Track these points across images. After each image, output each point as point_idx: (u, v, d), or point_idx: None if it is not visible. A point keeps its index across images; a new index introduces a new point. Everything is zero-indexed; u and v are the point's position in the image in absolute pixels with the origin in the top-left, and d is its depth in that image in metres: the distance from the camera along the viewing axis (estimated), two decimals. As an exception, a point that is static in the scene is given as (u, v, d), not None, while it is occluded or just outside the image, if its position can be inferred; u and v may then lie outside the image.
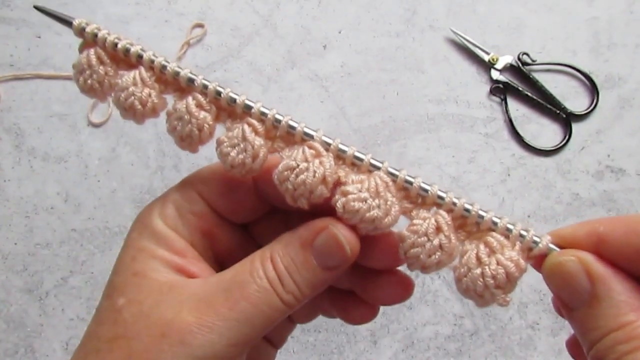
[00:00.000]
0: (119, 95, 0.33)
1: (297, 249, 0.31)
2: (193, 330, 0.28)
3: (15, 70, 0.72)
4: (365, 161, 0.30)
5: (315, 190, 0.30)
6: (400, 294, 0.37)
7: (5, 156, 0.69)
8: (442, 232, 0.29)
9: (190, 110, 0.32)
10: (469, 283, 0.28)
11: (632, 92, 0.72)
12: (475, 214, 0.29)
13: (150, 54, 0.33)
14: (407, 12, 0.75)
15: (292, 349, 0.64)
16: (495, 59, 0.72)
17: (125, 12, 0.75)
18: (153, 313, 0.29)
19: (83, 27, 0.34)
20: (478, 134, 0.71)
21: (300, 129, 0.31)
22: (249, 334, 0.29)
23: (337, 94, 0.72)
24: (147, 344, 0.28)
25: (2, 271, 0.66)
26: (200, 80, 0.32)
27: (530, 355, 0.64)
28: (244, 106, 0.31)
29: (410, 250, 0.29)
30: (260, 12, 0.76)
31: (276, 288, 0.30)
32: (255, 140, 0.31)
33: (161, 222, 0.33)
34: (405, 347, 0.64)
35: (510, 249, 0.28)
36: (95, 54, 0.33)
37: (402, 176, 0.30)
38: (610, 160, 0.70)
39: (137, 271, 0.31)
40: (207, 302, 0.29)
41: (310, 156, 0.30)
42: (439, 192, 0.30)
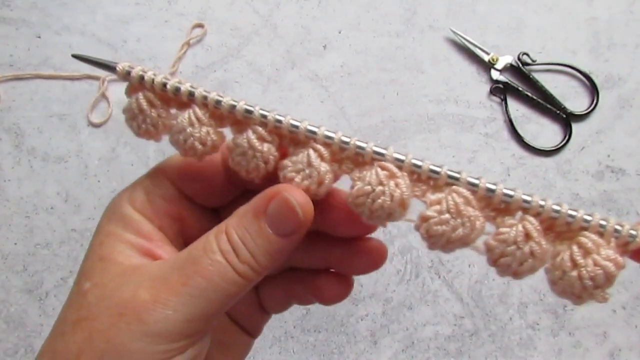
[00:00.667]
0: (176, 138, 0.32)
1: (250, 218, 0.31)
2: (148, 308, 0.28)
3: (15, 70, 0.72)
4: (442, 174, 0.29)
5: (394, 213, 0.29)
6: (374, 260, 0.36)
7: (5, 156, 0.69)
8: (532, 238, 0.28)
9: (252, 145, 0.31)
10: (565, 286, 0.27)
11: (632, 92, 0.72)
12: (565, 214, 0.28)
13: (201, 90, 0.32)
14: (407, 12, 0.75)
15: (292, 349, 0.64)
16: (495, 59, 0.72)
17: (125, 12, 0.75)
18: (114, 294, 0.29)
19: (128, 71, 0.32)
20: (478, 134, 0.71)
21: (370, 150, 0.30)
22: (206, 309, 0.29)
23: (337, 94, 0.72)
24: (107, 323, 0.28)
25: (2, 271, 0.66)
26: (257, 111, 0.31)
27: (530, 356, 0.64)
28: (307, 131, 0.31)
29: (500, 260, 0.28)
30: (260, 12, 0.76)
31: (230, 260, 0.30)
32: (321, 166, 0.30)
33: (129, 207, 0.33)
34: (405, 347, 0.64)
35: (606, 247, 0.27)
36: (145, 98, 0.32)
37: (482, 185, 0.29)
38: (610, 160, 0.70)
39: (103, 256, 0.31)
40: (162, 279, 0.29)
41: (384, 178, 0.29)
42: (524, 197, 0.28)
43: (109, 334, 0.28)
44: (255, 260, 0.30)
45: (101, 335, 0.28)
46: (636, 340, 0.64)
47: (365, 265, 0.37)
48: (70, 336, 0.29)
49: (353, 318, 0.65)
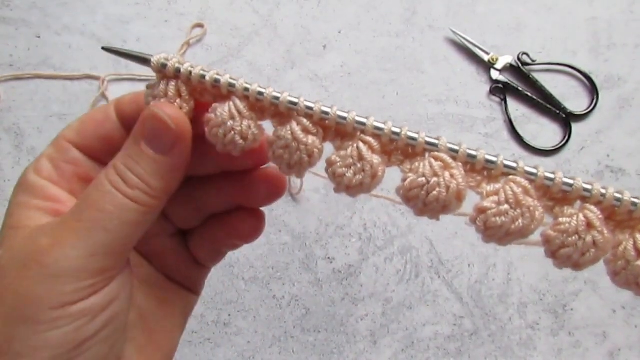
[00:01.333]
0: (215, 132, 0.31)
1: (131, 144, 0.31)
2: (46, 251, 0.28)
3: (15, 70, 0.72)
4: (498, 164, 0.28)
5: (450, 205, 0.28)
6: (275, 188, 0.37)
7: (5, 156, 0.69)
8: (595, 228, 0.27)
9: (297, 137, 0.30)
10: (629, 276, 0.27)
11: (632, 92, 0.72)
12: (628, 202, 0.27)
13: (242, 81, 0.31)
14: (407, 12, 0.75)
15: (292, 349, 0.64)
16: (495, 59, 0.72)
17: (125, 12, 0.75)
18: (20, 253, 0.30)
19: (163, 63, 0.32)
20: (478, 134, 0.71)
21: (422, 140, 0.29)
22: (106, 240, 0.29)
23: (337, 94, 0.72)
24: (13, 277, 0.29)
25: (1, 271, 0.66)
26: (302, 102, 0.30)
27: (530, 355, 0.64)
28: (356, 122, 0.29)
29: (561, 251, 0.27)
30: (260, 12, 0.76)
31: (120, 187, 0.30)
32: (373, 159, 0.29)
33: (35, 176, 0.34)
34: (405, 347, 0.64)
35: None
36: (175, 88, 0.32)
37: (541, 174, 0.28)
38: (610, 160, 0.70)
39: (12, 224, 0.32)
40: (59, 223, 0.30)
41: (439, 169, 0.28)
42: (585, 185, 0.28)
43: (15, 286, 0.28)
44: (145, 183, 0.30)
45: (9, 290, 0.28)
46: (636, 340, 0.64)
47: (267, 191, 0.37)
48: None
49: (353, 318, 0.65)
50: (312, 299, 0.65)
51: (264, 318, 0.65)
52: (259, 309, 0.65)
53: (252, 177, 0.37)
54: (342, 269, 0.66)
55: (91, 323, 0.29)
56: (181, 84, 0.32)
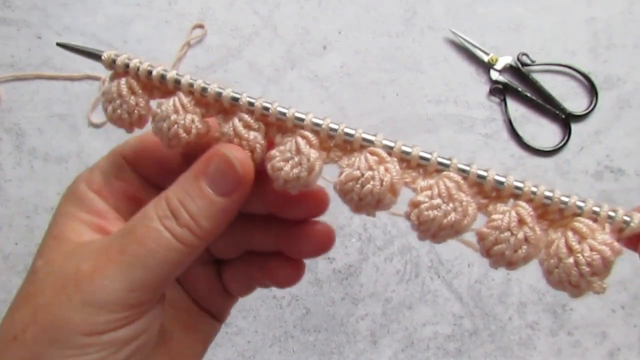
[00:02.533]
0: (160, 125, 0.32)
1: (190, 180, 0.30)
2: (87, 278, 0.28)
3: (16, 70, 0.72)
4: (432, 160, 0.29)
5: (384, 199, 0.28)
6: (322, 243, 0.36)
7: (6, 157, 0.70)
8: (526, 224, 0.27)
9: (239, 132, 0.30)
10: (561, 274, 0.27)
11: (631, 93, 0.72)
12: (558, 200, 0.27)
13: (188, 77, 0.31)
14: (406, 13, 0.76)
15: (292, 349, 0.64)
16: (495, 59, 0.72)
17: (126, 13, 0.75)
18: (59, 269, 0.30)
19: (113, 59, 0.32)
20: (477, 135, 0.71)
21: (359, 135, 0.29)
22: (146, 278, 0.28)
23: (336, 94, 0.72)
24: (50, 297, 0.29)
25: (2, 271, 0.66)
26: (245, 98, 0.30)
27: (530, 355, 0.64)
28: (295, 118, 0.30)
29: (494, 248, 0.27)
30: (260, 12, 0.76)
31: (167, 225, 0.29)
32: (310, 153, 0.29)
33: (85, 186, 0.33)
34: (404, 347, 0.65)
35: (601, 232, 0.27)
36: (126, 84, 0.32)
37: (474, 171, 0.28)
38: (609, 160, 0.70)
39: (56, 234, 0.32)
40: (103, 251, 0.29)
41: (374, 163, 0.28)
42: (516, 183, 0.28)
43: (51, 307, 0.28)
44: (195, 222, 0.29)
45: (44, 310, 0.28)
46: (635, 340, 0.64)
47: (313, 248, 0.37)
48: (16, 312, 0.30)
49: (353, 318, 0.65)
50: (312, 298, 0.66)
51: (264, 318, 0.65)
52: (259, 308, 0.65)
53: (301, 229, 0.36)
54: (342, 268, 0.66)
55: (118, 352, 0.29)
56: (132, 80, 0.32)
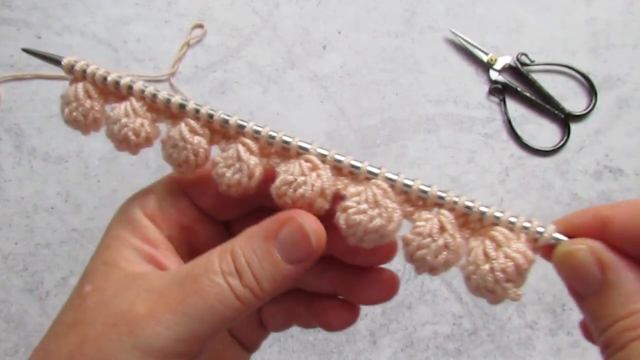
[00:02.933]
0: (112, 128, 0.33)
1: (260, 241, 0.30)
2: (142, 322, 0.28)
3: (16, 70, 0.72)
4: (362, 169, 0.30)
5: (315, 203, 0.30)
6: (387, 292, 0.36)
7: (6, 156, 0.70)
8: (446, 231, 0.29)
9: (184, 136, 0.32)
10: (478, 280, 0.28)
11: (631, 93, 0.72)
12: (477, 210, 0.29)
13: (140, 84, 0.33)
14: (406, 13, 0.76)
15: (291, 349, 0.64)
16: (494, 59, 0.72)
17: (125, 13, 0.75)
18: (111, 302, 0.29)
19: (72, 64, 0.34)
20: (477, 134, 0.71)
21: (295, 143, 0.31)
22: (199, 331, 0.28)
23: (336, 94, 0.72)
24: (100, 331, 0.28)
25: (2, 271, 0.66)
26: (191, 105, 0.32)
27: (529, 355, 0.64)
28: (237, 126, 0.32)
29: (417, 253, 0.29)
30: (260, 12, 0.76)
31: (231, 283, 0.29)
32: (250, 160, 0.31)
33: (139, 211, 0.33)
34: (404, 347, 0.65)
35: (516, 241, 0.28)
36: (83, 88, 0.34)
37: (400, 180, 0.30)
38: (609, 160, 0.70)
39: (107, 259, 0.31)
40: (160, 294, 0.29)
41: (307, 169, 0.30)
42: (439, 193, 0.29)
43: (100, 342, 0.28)
44: (259, 285, 0.29)
45: (93, 343, 0.28)
46: (634, 340, 0.64)
47: (376, 296, 0.36)
48: (63, 338, 0.29)
49: (352, 317, 0.65)
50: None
51: (264, 318, 0.65)
52: (259, 308, 0.65)
53: (365, 275, 0.36)
54: (342, 268, 0.66)
55: None
56: (88, 84, 0.34)
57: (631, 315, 0.25)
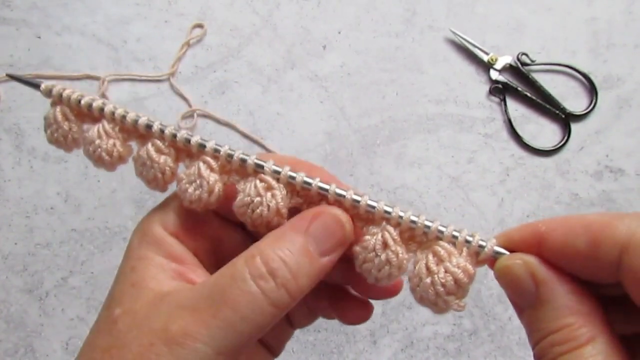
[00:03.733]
0: (87, 148, 0.35)
1: (292, 237, 0.30)
2: (178, 340, 0.28)
3: (15, 70, 0.72)
4: (313, 186, 0.31)
5: (272, 222, 0.32)
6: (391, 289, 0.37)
7: (6, 156, 0.70)
8: (389, 247, 0.30)
9: (150, 155, 0.34)
10: (422, 292, 0.29)
11: (631, 93, 0.72)
12: (422, 225, 0.30)
13: (111, 106, 0.34)
14: (406, 13, 0.76)
15: (291, 349, 0.64)
16: (495, 59, 0.72)
17: (125, 13, 0.75)
18: (144, 323, 0.29)
19: (50, 89, 0.36)
20: (477, 134, 0.71)
21: (252, 162, 0.32)
22: (236, 341, 0.28)
23: (336, 94, 0.72)
24: (137, 353, 0.28)
25: (2, 271, 0.66)
26: (157, 125, 0.33)
27: (529, 355, 0.64)
28: (198, 145, 0.33)
29: (362, 266, 0.31)
30: (260, 12, 0.76)
31: (263, 287, 0.28)
32: (210, 177, 0.32)
33: (161, 229, 0.33)
34: (404, 347, 0.64)
35: (457, 255, 0.29)
36: (60, 111, 0.36)
37: (348, 197, 0.31)
38: (609, 160, 0.70)
39: (135, 281, 0.31)
40: (192, 309, 0.29)
41: (262, 189, 0.31)
42: (385, 208, 0.30)
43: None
44: (296, 281, 0.29)
45: None
46: (635, 340, 0.64)
47: (381, 292, 0.37)
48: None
49: (353, 318, 0.65)
50: (312, 298, 0.66)
51: (264, 318, 0.65)
52: (259, 308, 0.65)
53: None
54: (342, 268, 0.66)
55: None
56: (65, 108, 0.36)
57: (561, 329, 0.25)
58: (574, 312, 0.26)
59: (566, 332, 0.25)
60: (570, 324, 0.25)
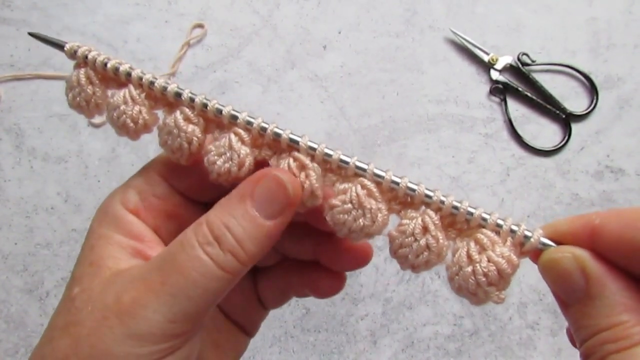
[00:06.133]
0: (111, 114, 0.34)
1: (235, 203, 0.29)
2: (129, 310, 0.28)
3: (16, 70, 0.72)
4: (350, 165, 0.30)
5: (307, 202, 0.31)
6: (359, 258, 0.37)
7: (6, 156, 0.70)
8: (429, 232, 0.28)
9: (178, 124, 0.32)
10: (461, 282, 0.28)
11: (631, 93, 0.72)
12: (464, 211, 0.29)
13: (138, 71, 0.33)
14: (406, 13, 0.75)
15: (292, 349, 0.64)
16: (495, 59, 0.72)
17: (125, 13, 0.75)
18: (99, 299, 0.29)
19: (75, 50, 0.35)
20: (478, 134, 0.71)
21: (286, 136, 0.31)
22: (188, 308, 0.28)
23: (337, 94, 0.72)
24: (91, 328, 0.28)
25: (2, 271, 0.66)
26: (187, 94, 0.32)
27: (530, 355, 0.64)
28: (230, 116, 0.32)
29: (399, 251, 0.29)
30: (260, 12, 0.76)
31: (210, 252, 0.28)
32: (241, 149, 0.31)
33: (121, 207, 0.33)
34: (405, 347, 0.64)
35: (501, 245, 0.28)
36: (84, 74, 0.34)
37: (388, 178, 0.30)
38: (610, 160, 0.70)
39: (93, 260, 0.31)
40: (143, 280, 0.29)
41: (296, 169, 0.30)
42: (426, 191, 0.29)
43: (93, 338, 0.28)
44: (241, 247, 0.29)
45: (86, 341, 0.28)
46: (635, 340, 0.64)
47: (350, 262, 0.37)
48: (57, 341, 0.29)
49: (353, 318, 0.65)
50: (312, 299, 0.65)
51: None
52: (259, 308, 0.65)
53: (338, 242, 0.37)
54: (342, 269, 0.66)
55: None
56: (90, 70, 0.34)
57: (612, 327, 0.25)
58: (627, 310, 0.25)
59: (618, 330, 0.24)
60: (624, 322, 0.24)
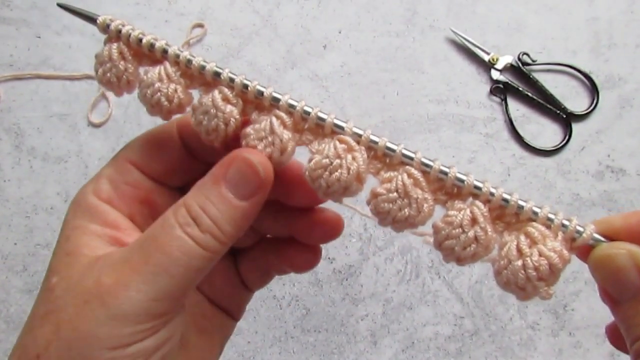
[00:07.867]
0: (145, 92, 0.32)
1: (210, 186, 0.30)
2: (111, 291, 0.28)
3: (15, 70, 0.72)
4: (397, 152, 0.29)
5: (350, 187, 0.29)
6: (330, 230, 0.37)
7: (5, 156, 0.70)
8: (478, 223, 0.27)
9: (216, 104, 0.31)
10: (509, 276, 0.27)
11: (633, 92, 0.71)
12: (515, 203, 0.28)
13: (175, 48, 0.32)
14: (407, 12, 0.75)
15: (292, 349, 0.64)
16: (496, 59, 0.72)
17: (125, 12, 0.75)
18: (79, 284, 0.29)
19: (108, 23, 0.33)
20: (478, 134, 0.71)
21: (331, 121, 0.30)
22: (170, 286, 0.28)
23: (337, 94, 0.72)
24: (72, 313, 0.28)
25: (2, 271, 0.66)
26: (226, 73, 0.31)
27: (531, 356, 0.64)
28: (272, 99, 0.30)
29: (445, 242, 0.28)
30: (260, 12, 0.76)
31: (190, 232, 0.29)
32: (283, 134, 0.30)
33: (94, 198, 0.33)
34: (405, 348, 0.64)
35: (552, 239, 0.27)
36: (117, 49, 0.33)
37: (436, 167, 0.29)
38: (611, 160, 0.70)
39: (69, 250, 0.31)
40: (125, 262, 0.29)
41: (342, 151, 0.29)
42: (476, 182, 0.28)
43: (75, 322, 0.28)
44: (218, 228, 0.29)
45: (68, 325, 0.28)
46: (636, 341, 0.64)
47: (322, 235, 0.37)
48: (38, 329, 0.29)
49: (353, 318, 0.65)
50: (312, 299, 0.65)
51: (264, 318, 0.65)
52: (259, 309, 0.65)
53: (309, 216, 0.37)
54: (343, 269, 0.66)
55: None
56: (123, 45, 0.33)
57: None
58: None
59: None
60: None
